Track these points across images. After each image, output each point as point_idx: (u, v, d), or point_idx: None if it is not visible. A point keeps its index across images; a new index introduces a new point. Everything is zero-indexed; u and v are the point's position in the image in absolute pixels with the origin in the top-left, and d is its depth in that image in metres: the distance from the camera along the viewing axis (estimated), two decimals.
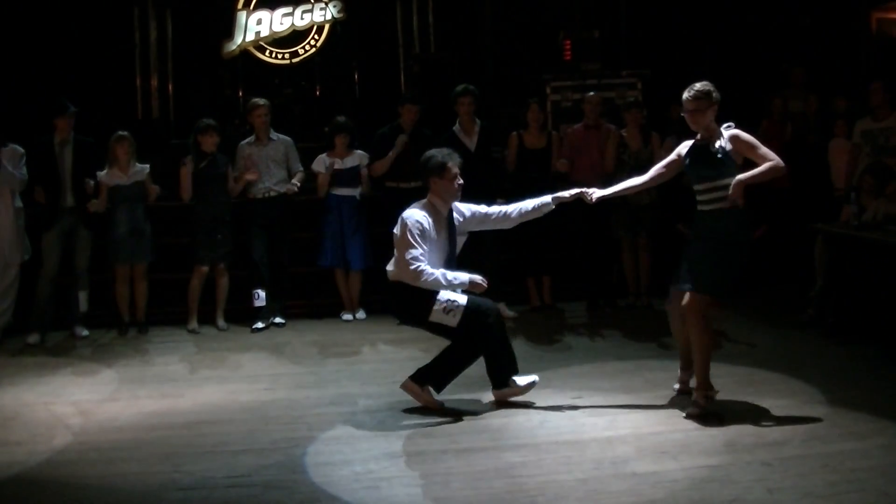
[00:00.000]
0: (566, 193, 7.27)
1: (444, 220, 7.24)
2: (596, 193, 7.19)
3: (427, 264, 7.00)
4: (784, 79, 13.00)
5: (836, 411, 6.71)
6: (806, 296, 9.67)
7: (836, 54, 14.42)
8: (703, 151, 6.86)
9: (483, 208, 7.40)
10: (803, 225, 10.05)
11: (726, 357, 8.39)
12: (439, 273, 7.02)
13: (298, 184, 10.41)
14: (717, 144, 6.77)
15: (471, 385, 7.52)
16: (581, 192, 7.22)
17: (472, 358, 7.19)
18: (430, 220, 7.16)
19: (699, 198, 6.94)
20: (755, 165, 6.67)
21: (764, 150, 6.68)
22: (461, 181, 7.21)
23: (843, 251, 9.19)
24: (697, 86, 6.85)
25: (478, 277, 7.06)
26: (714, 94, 6.85)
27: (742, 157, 6.77)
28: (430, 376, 7.22)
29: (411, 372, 7.82)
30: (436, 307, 7.03)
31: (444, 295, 7.04)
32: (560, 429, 6.56)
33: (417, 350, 8.96)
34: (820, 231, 9.54)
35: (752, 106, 12.89)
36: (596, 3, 14.70)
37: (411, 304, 7.14)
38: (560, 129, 11.51)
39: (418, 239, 7.03)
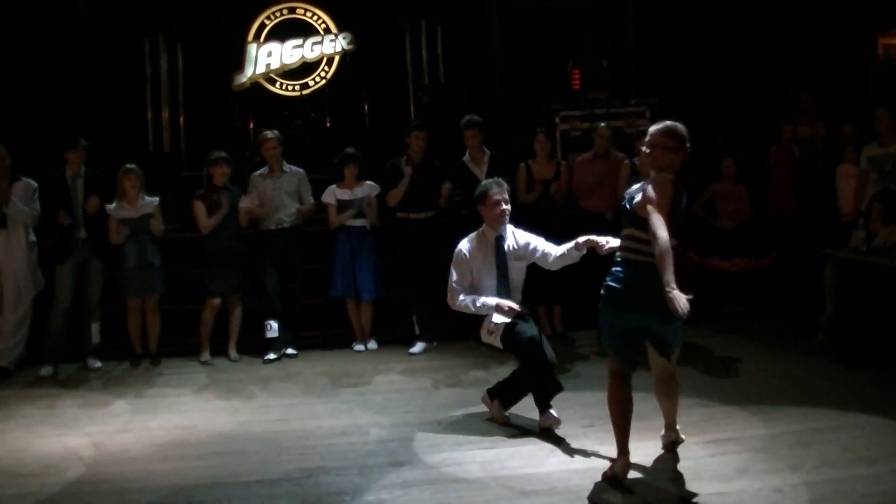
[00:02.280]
0: (582, 240, 6.88)
1: (492, 246, 7.43)
2: (610, 243, 6.58)
3: (463, 290, 7.37)
4: (792, 105, 13.02)
5: (848, 436, 6.71)
6: (816, 321, 9.67)
7: (844, 80, 14.45)
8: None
9: (536, 242, 7.48)
10: (812, 250, 10.05)
11: (738, 383, 8.43)
12: (469, 299, 7.32)
13: (291, 214, 10.41)
14: None
15: (480, 409, 7.57)
16: (595, 240, 6.74)
17: (529, 381, 7.30)
18: (473, 247, 7.47)
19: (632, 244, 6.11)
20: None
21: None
22: (504, 207, 7.36)
23: (853, 276, 9.19)
24: (671, 123, 6.10)
25: (506, 302, 7.14)
26: (684, 139, 6.08)
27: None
28: (501, 392, 7.48)
29: (423, 402, 7.92)
30: (482, 329, 7.37)
31: (493, 317, 7.31)
32: (571, 456, 6.58)
33: (430, 380, 9.01)
34: (829, 256, 9.55)
35: (761, 132, 12.93)
36: (604, 33, 14.77)
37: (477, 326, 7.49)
38: (569, 158, 11.56)
39: (456, 267, 7.46)
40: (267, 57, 14.65)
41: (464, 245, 7.54)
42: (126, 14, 14.36)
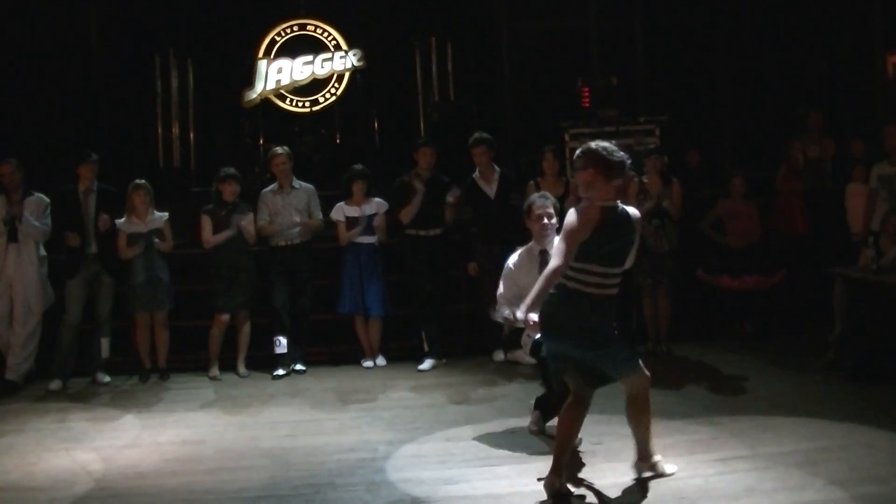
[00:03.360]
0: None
1: (537, 260, 7.45)
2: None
3: (507, 303, 7.35)
4: (801, 124, 13.03)
5: (857, 455, 6.69)
6: (825, 340, 9.65)
7: (853, 99, 14.46)
8: None
9: None
10: (821, 269, 10.04)
11: (746, 401, 8.41)
12: (509, 310, 7.26)
13: (302, 223, 10.42)
14: None
15: (489, 427, 7.57)
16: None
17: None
18: (520, 260, 7.56)
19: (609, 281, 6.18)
20: None
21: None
22: (546, 221, 7.39)
23: (862, 295, 9.18)
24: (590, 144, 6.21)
25: (533, 316, 7.10)
26: (590, 159, 6.07)
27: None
28: (542, 403, 7.52)
29: (432, 419, 7.92)
30: (521, 339, 7.49)
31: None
32: (580, 474, 6.57)
33: (438, 397, 9.00)
34: (838, 275, 9.53)
35: (770, 151, 12.93)
36: (613, 51, 14.80)
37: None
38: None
39: (503, 279, 7.54)
40: (277, 73, 14.71)
41: (512, 257, 7.65)
42: (137, 30, 14.46)
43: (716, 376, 9.42)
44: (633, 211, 6.27)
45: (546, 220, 7.41)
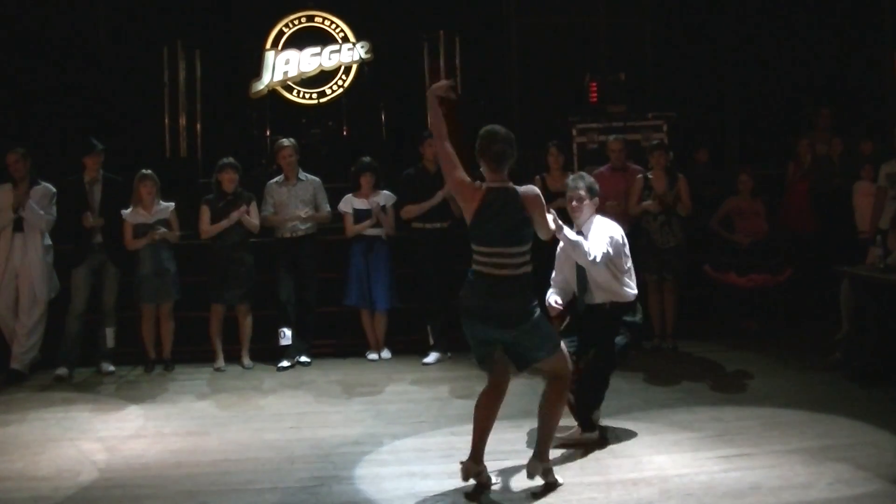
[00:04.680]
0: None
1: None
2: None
3: (554, 287, 7.44)
4: (809, 121, 13.00)
5: (863, 454, 6.66)
6: (831, 339, 9.64)
7: (861, 97, 14.42)
8: None
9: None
10: (829, 268, 10.01)
11: (752, 399, 8.39)
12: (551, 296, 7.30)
13: (306, 213, 10.40)
14: None
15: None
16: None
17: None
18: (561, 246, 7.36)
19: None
20: None
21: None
22: (574, 203, 7.31)
23: (869, 294, 9.15)
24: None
25: (548, 300, 7.17)
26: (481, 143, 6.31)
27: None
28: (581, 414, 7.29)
29: (436, 412, 7.90)
30: None
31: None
32: (585, 470, 6.55)
33: (443, 390, 9.00)
34: (845, 274, 9.51)
35: (778, 149, 12.91)
36: (622, 46, 14.78)
37: None
38: (586, 171, 11.54)
39: (556, 262, 7.49)
40: (284, 65, 14.69)
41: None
42: (145, 21, 14.43)
43: (721, 373, 9.42)
44: (524, 189, 6.26)
45: (575, 203, 7.29)
